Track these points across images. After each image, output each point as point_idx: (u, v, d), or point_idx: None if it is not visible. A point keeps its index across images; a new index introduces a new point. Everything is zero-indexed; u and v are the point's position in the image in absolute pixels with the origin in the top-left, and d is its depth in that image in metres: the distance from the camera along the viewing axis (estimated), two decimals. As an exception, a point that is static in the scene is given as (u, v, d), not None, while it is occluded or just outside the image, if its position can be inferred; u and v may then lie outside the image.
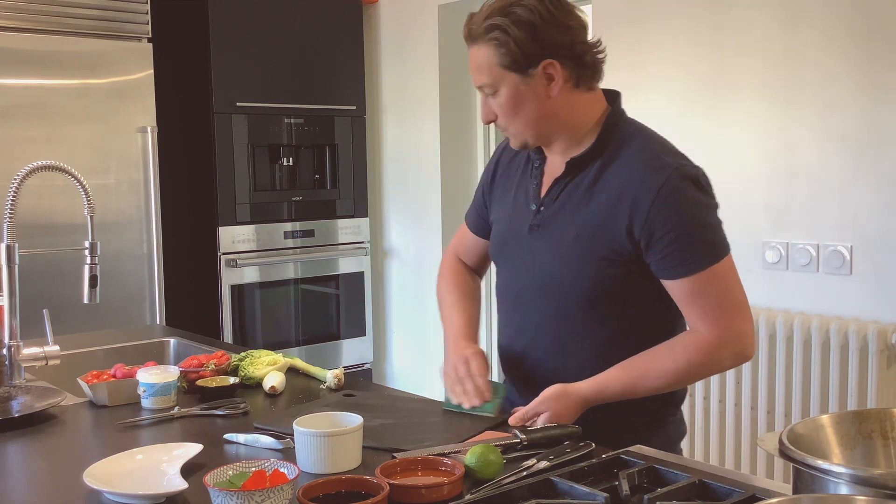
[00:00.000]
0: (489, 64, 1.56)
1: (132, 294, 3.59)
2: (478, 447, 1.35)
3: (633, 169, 1.56)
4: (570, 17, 1.57)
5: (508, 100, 1.58)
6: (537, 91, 1.57)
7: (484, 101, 1.63)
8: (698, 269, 1.53)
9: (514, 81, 1.57)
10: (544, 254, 1.64)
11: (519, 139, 1.65)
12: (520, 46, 1.53)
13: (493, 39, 1.55)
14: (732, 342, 1.57)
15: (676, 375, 1.58)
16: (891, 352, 2.66)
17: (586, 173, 1.61)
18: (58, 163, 1.96)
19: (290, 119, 4.05)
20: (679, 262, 1.53)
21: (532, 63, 1.55)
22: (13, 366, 1.93)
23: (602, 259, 1.58)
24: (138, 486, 1.32)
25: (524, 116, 1.60)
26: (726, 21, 3.04)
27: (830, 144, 2.82)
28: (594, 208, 1.58)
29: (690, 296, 1.55)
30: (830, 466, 1.03)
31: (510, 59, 1.54)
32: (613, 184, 1.57)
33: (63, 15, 3.41)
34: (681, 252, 1.53)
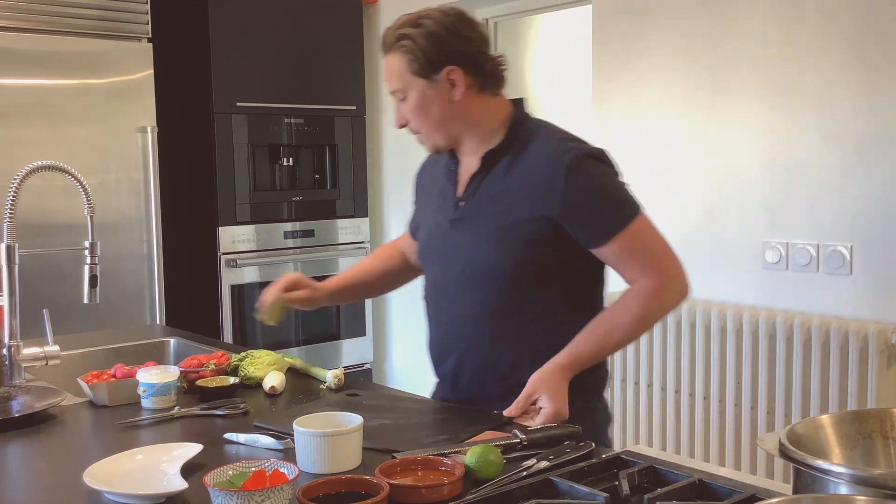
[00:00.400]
0: (399, 70, 1.73)
1: (132, 294, 3.59)
2: (478, 447, 1.35)
3: (541, 157, 1.71)
4: (471, 30, 1.74)
5: (416, 103, 1.73)
6: (442, 95, 1.72)
7: (397, 106, 1.77)
8: (620, 228, 1.67)
9: (421, 86, 1.72)
10: (467, 245, 1.76)
11: (430, 141, 1.79)
12: (425, 54, 1.70)
13: (402, 47, 1.71)
14: (671, 282, 1.71)
15: (636, 323, 1.70)
16: (891, 352, 2.66)
17: (499, 166, 1.75)
18: (58, 163, 1.96)
19: (290, 119, 4.05)
20: (602, 229, 1.67)
21: (436, 69, 1.70)
22: (13, 366, 1.93)
23: (521, 243, 1.70)
24: (138, 486, 1.32)
25: (432, 119, 1.74)
26: (726, 21, 3.04)
27: (830, 144, 2.82)
28: (510, 197, 1.71)
29: (622, 254, 1.69)
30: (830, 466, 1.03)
31: (417, 65, 1.71)
32: (525, 172, 1.71)
33: (63, 15, 3.41)
34: (600, 218, 1.67)
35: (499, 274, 1.71)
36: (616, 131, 3.42)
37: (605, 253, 1.69)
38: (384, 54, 1.76)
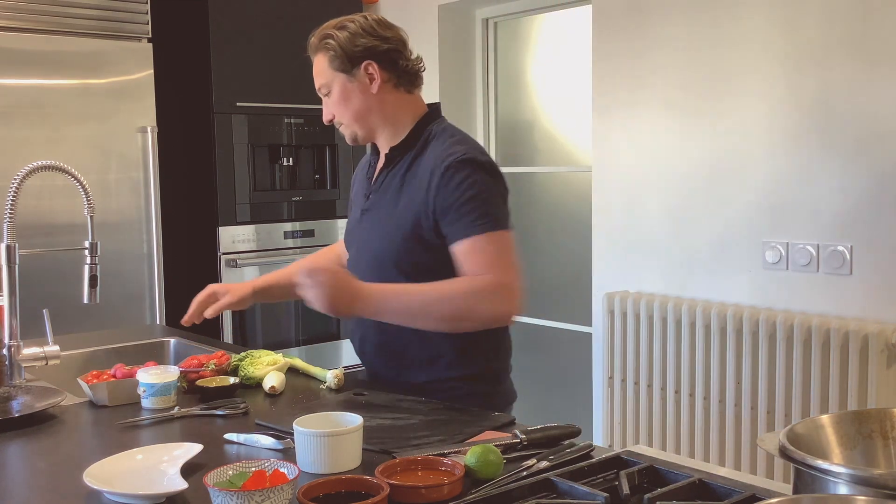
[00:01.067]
0: (323, 68, 1.92)
1: (132, 294, 3.59)
2: (478, 447, 1.35)
3: (433, 156, 1.86)
4: (388, 31, 1.93)
5: (339, 96, 1.92)
6: (361, 88, 1.90)
7: (324, 102, 1.96)
8: (479, 232, 1.77)
9: (342, 80, 1.91)
10: (371, 233, 1.94)
11: (350, 131, 1.97)
12: (345, 50, 1.88)
13: (325, 46, 1.91)
14: (499, 287, 1.75)
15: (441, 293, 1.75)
16: (891, 352, 2.66)
17: (402, 163, 1.92)
18: (58, 163, 1.96)
19: (290, 119, 4.05)
20: (461, 228, 1.78)
21: (355, 64, 1.89)
22: (13, 366, 1.93)
23: (409, 234, 1.84)
24: (138, 486, 1.32)
25: (352, 109, 1.92)
26: (726, 21, 3.04)
27: (830, 144, 2.82)
28: (406, 192, 1.88)
29: (471, 253, 1.77)
30: (830, 466, 1.03)
31: (339, 61, 1.89)
32: (420, 171, 1.87)
33: (63, 15, 3.41)
34: (462, 219, 1.78)
35: (390, 262, 1.87)
36: (616, 131, 3.42)
37: (457, 251, 1.79)
38: (311, 57, 1.95)
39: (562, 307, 3.96)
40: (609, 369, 3.37)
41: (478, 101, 4.24)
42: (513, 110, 4.21)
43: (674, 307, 3.13)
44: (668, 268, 3.28)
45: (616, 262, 3.46)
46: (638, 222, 3.37)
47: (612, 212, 3.47)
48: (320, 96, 1.97)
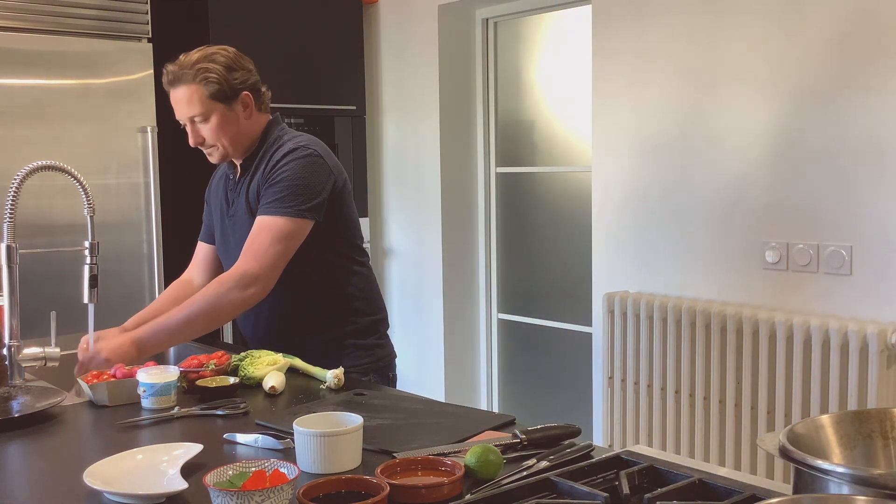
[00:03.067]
0: (200, 98, 2.09)
1: (132, 294, 3.59)
2: (478, 447, 1.35)
3: (277, 153, 2.14)
4: (248, 62, 2.19)
5: (218, 125, 2.12)
6: (238, 115, 2.15)
7: (192, 128, 2.15)
8: (271, 212, 2.05)
9: (222, 110, 2.12)
10: (236, 234, 2.21)
11: (221, 153, 2.18)
12: (227, 82, 2.10)
13: (203, 79, 2.07)
14: (246, 275, 2.01)
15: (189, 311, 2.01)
16: (891, 352, 2.66)
17: (254, 169, 2.18)
18: (58, 163, 1.96)
19: (290, 119, 4.04)
20: (266, 202, 2.08)
21: (235, 95, 2.12)
22: (13, 366, 1.93)
23: None
24: (138, 486, 1.32)
25: (229, 136, 2.15)
26: (726, 20, 3.04)
27: (830, 144, 2.82)
28: (254, 190, 2.15)
29: (253, 230, 2.07)
30: (831, 466, 1.03)
31: (220, 92, 2.09)
32: (266, 167, 2.14)
33: (63, 15, 3.41)
34: (272, 193, 2.07)
35: None
36: (616, 131, 3.42)
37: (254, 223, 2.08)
38: (175, 86, 2.10)
39: (562, 307, 3.96)
40: (609, 369, 3.37)
41: (478, 101, 4.24)
42: (513, 110, 4.21)
43: (674, 307, 3.13)
44: (668, 268, 3.28)
45: (616, 262, 3.46)
46: (638, 222, 3.37)
47: (612, 212, 3.47)
48: (184, 123, 2.15)
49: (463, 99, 4.20)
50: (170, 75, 2.11)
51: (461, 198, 4.20)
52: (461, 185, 4.21)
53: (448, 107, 4.15)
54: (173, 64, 2.12)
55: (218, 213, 2.33)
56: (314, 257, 2.14)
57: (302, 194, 2.07)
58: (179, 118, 2.16)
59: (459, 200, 4.20)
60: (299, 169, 2.09)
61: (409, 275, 4.36)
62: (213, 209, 2.37)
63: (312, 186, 2.09)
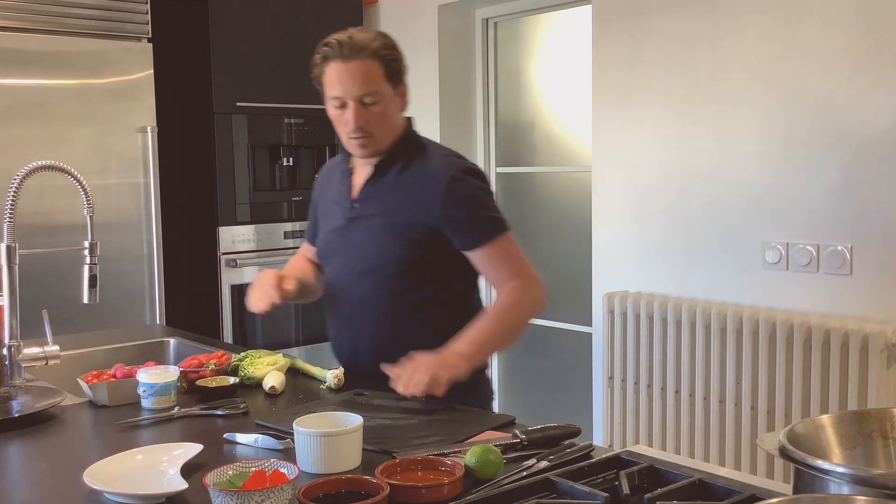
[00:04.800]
0: (378, 76, 1.88)
1: (132, 294, 3.59)
2: (478, 447, 1.35)
3: (428, 168, 1.95)
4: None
5: (386, 108, 1.92)
6: (398, 103, 1.96)
7: (356, 109, 1.89)
8: (490, 238, 1.91)
9: (390, 93, 1.92)
10: (360, 240, 1.98)
11: (378, 146, 1.95)
12: (399, 63, 1.93)
13: (385, 56, 1.89)
14: (532, 281, 1.94)
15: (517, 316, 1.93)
16: (891, 352, 2.66)
17: (391, 173, 1.97)
18: (58, 163, 1.96)
19: (290, 119, 4.05)
20: (475, 236, 1.91)
21: (402, 79, 1.95)
22: (13, 366, 1.93)
23: (405, 239, 1.92)
24: (138, 486, 1.32)
25: (389, 123, 1.94)
26: (726, 20, 3.04)
27: (830, 144, 2.82)
28: (399, 199, 1.94)
29: (490, 259, 1.93)
30: (830, 466, 1.03)
31: (395, 73, 1.91)
32: (413, 180, 1.94)
33: (63, 15, 3.41)
34: (474, 228, 1.91)
35: (385, 267, 1.94)
36: (616, 131, 3.42)
37: (474, 257, 1.93)
38: (349, 60, 1.87)
39: (562, 307, 3.96)
40: (609, 369, 3.37)
41: (478, 101, 4.24)
42: (513, 110, 4.21)
43: (674, 307, 3.13)
44: (667, 268, 3.28)
45: (616, 262, 3.46)
46: (638, 222, 3.37)
47: (612, 212, 3.47)
48: (347, 101, 1.89)
49: (463, 99, 4.20)
50: (343, 48, 1.86)
51: (461, 198, 4.20)
52: (461, 185, 4.20)
53: (448, 107, 4.14)
54: (341, 36, 1.88)
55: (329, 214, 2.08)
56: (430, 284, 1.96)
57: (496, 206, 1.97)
58: (343, 95, 1.89)
59: (459, 200, 4.19)
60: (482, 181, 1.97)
61: (409, 275, 4.35)
62: (323, 210, 2.13)
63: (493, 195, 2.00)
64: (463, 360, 1.80)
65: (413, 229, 1.92)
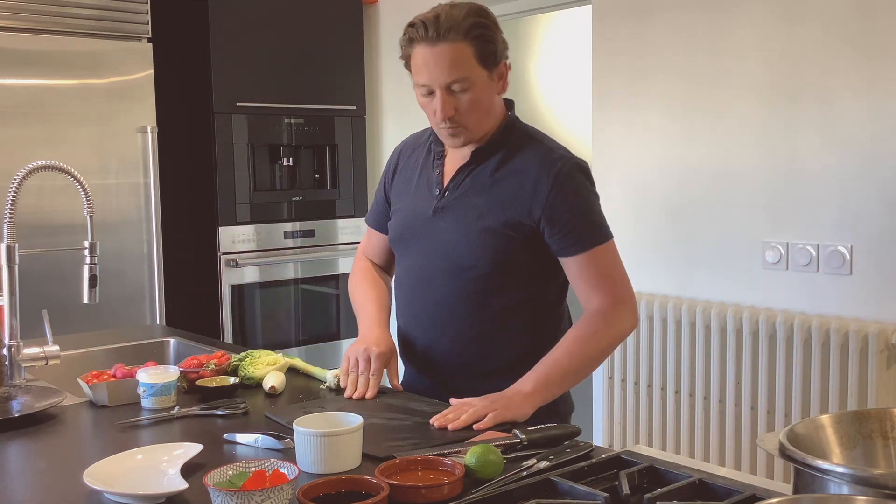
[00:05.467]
0: (468, 59, 1.67)
1: (132, 294, 3.59)
2: (478, 447, 1.35)
3: (533, 160, 1.75)
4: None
5: (479, 94, 1.70)
6: (494, 87, 1.74)
7: (444, 98, 1.69)
8: (590, 246, 1.74)
9: (484, 77, 1.70)
10: (448, 233, 1.78)
11: (467, 135, 1.75)
12: (496, 44, 1.69)
13: (478, 37, 1.66)
14: (621, 304, 1.77)
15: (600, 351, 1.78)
16: (891, 352, 2.66)
17: (489, 162, 1.78)
18: (58, 163, 1.95)
19: (290, 119, 4.05)
20: (575, 241, 1.73)
21: (498, 61, 1.72)
22: (13, 366, 1.93)
23: (501, 237, 1.74)
24: (138, 486, 1.31)
25: (483, 110, 1.73)
26: (726, 20, 3.04)
27: (830, 144, 2.82)
28: (497, 192, 1.75)
29: (584, 270, 1.75)
30: (830, 466, 1.03)
31: (489, 55, 1.68)
32: (514, 172, 1.75)
33: (63, 15, 3.41)
34: (575, 232, 1.73)
35: (474, 267, 1.76)
36: (616, 131, 3.42)
37: (569, 264, 1.77)
38: (436, 43, 1.67)
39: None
40: (609, 369, 3.37)
41: (478, 101, 4.23)
42: (513, 110, 4.21)
43: (674, 307, 3.13)
44: (668, 268, 3.28)
45: (616, 262, 3.45)
46: (638, 222, 3.37)
47: (612, 212, 3.44)
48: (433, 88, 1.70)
49: (463, 99, 4.19)
50: (429, 29, 1.67)
51: (461, 198, 4.20)
52: (461, 185, 4.20)
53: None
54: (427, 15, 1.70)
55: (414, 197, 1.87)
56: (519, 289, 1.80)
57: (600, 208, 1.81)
58: (429, 82, 1.69)
59: (459, 200, 4.19)
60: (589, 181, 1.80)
61: (409, 275, 4.35)
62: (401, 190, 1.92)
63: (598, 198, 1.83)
64: (528, 401, 1.65)
65: (509, 227, 1.73)
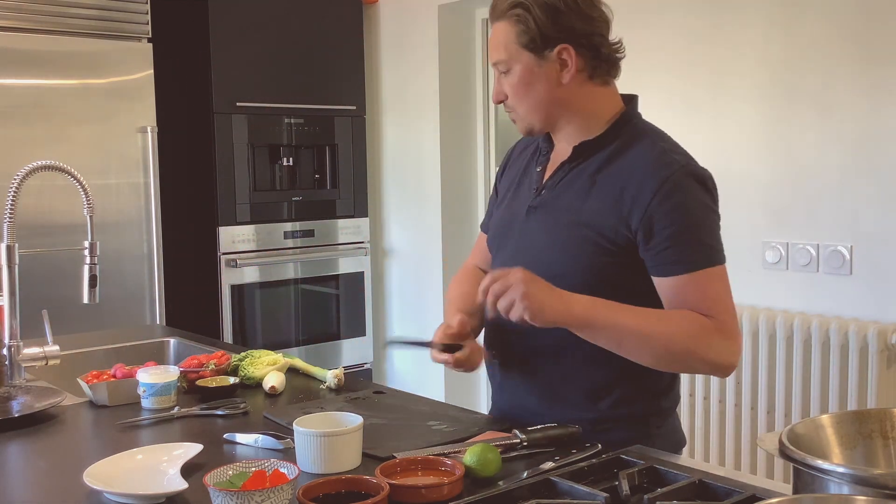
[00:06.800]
0: (507, 41, 1.59)
1: (132, 294, 3.59)
2: (477, 447, 1.35)
3: (640, 161, 1.54)
4: (593, 9, 1.61)
5: (521, 79, 1.59)
6: (550, 75, 1.57)
7: (497, 79, 1.64)
8: (693, 268, 1.49)
9: (529, 61, 1.58)
10: (538, 236, 1.62)
11: (525, 122, 1.64)
12: (539, 26, 1.55)
13: (514, 16, 1.57)
14: (723, 331, 1.49)
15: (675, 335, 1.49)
16: (891, 352, 2.66)
17: (592, 160, 1.59)
18: (58, 163, 1.96)
19: (290, 119, 4.05)
20: (674, 260, 1.50)
21: (549, 45, 1.56)
22: (13, 366, 1.93)
23: (596, 245, 1.54)
24: (138, 486, 1.31)
25: (533, 98, 1.60)
26: (726, 20, 3.04)
27: (830, 144, 2.82)
28: (595, 195, 1.56)
29: (681, 295, 1.50)
30: (830, 466, 1.03)
31: (528, 37, 1.56)
32: (618, 173, 1.55)
33: (63, 15, 3.41)
34: (677, 249, 1.49)
35: (563, 273, 1.54)
36: (616, 131, 3.41)
37: (662, 285, 1.52)
38: (492, 22, 1.63)
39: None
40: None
41: (478, 101, 4.23)
42: (513, 110, 4.21)
43: (674, 307, 3.13)
44: (668, 268, 3.28)
45: (616, 262, 3.46)
46: (638, 222, 3.37)
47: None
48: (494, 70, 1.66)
49: (463, 99, 4.19)
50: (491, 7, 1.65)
51: (461, 198, 4.20)
52: (461, 185, 4.20)
53: (448, 107, 4.14)
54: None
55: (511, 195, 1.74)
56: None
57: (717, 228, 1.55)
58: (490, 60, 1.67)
59: (459, 200, 4.19)
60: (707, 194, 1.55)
61: (409, 275, 4.36)
62: (505, 190, 1.78)
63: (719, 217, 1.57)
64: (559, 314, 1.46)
65: (604, 235, 1.53)
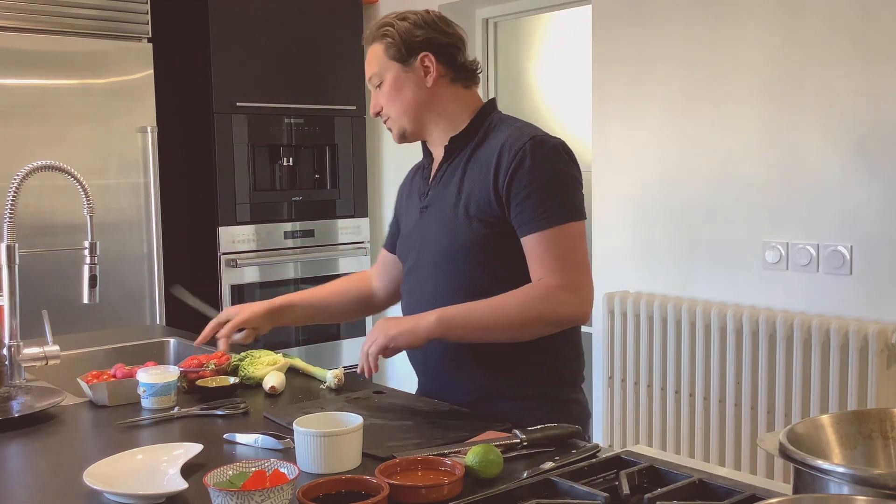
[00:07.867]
0: (378, 56, 1.84)
1: (132, 294, 3.59)
2: (478, 447, 1.35)
3: (500, 140, 1.76)
4: (448, 26, 1.85)
5: (391, 86, 1.83)
6: (416, 80, 1.82)
7: (374, 94, 1.88)
8: (548, 225, 1.67)
9: (397, 70, 1.82)
10: (432, 227, 1.82)
11: (397, 126, 1.86)
12: (402, 39, 1.81)
13: (382, 35, 1.83)
14: (572, 289, 1.67)
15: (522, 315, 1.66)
16: (891, 352, 2.66)
17: (463, 153, 1.82)
18: (58, 163, 1.95)
19: (290, 119, 4.05)
20: (531, 218, 1.68)
21: (412, 53, 1.81)
22: (13, 366, 1.93)
23: (478, 220, 1.73)
24: (138, 486, 1.31)
25: (403, 102, 1.83)
26: (727, 20, 3.04)
27: (830, 144, 2.82)
28: (469, 179, 1.77)
29: (538, 249, 1.68)
30: (831, 466, 1.03)
31: (395, 49, 1.81)
32: (484, 155, 1.77)
33: (63, 15, 3.41)
34: (533, 208, 1.68)
35: (457, 253, 1.76)
36: (616, 131, 3.42)
37: (526, 248, 1.71)
38: (366, 47, 1.89)
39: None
40: (609, 369, 3.37)
41: (478, 101, 4.23)
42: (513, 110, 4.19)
43: (674, 307, 3.13)
44: (668, 268, 3.28)
45: (616, 262, 3.46)
46: (638, 222, 3.37)
47: (612, 212, 3.47)
48: (370, 87, 1.90)
49: (463, 99, 4.19)
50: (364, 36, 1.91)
51: (461, 198, 4.20)
52: (461, 185, 4.20)
53: (448, 107, 4.14)
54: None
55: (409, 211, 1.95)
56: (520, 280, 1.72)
57: (572, 188, 1.74)
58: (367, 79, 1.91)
59: (459, 200, 4.19)
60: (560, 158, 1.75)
61: (409, 275, 4.35)
62: (403, 211, 2.00)
63: (577, 179, 1.76)
64: (424, 330, 1.67)
65: (483, 210, 1.73)
